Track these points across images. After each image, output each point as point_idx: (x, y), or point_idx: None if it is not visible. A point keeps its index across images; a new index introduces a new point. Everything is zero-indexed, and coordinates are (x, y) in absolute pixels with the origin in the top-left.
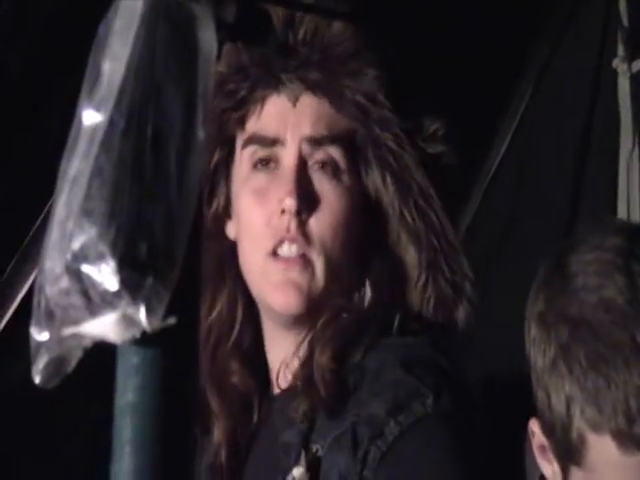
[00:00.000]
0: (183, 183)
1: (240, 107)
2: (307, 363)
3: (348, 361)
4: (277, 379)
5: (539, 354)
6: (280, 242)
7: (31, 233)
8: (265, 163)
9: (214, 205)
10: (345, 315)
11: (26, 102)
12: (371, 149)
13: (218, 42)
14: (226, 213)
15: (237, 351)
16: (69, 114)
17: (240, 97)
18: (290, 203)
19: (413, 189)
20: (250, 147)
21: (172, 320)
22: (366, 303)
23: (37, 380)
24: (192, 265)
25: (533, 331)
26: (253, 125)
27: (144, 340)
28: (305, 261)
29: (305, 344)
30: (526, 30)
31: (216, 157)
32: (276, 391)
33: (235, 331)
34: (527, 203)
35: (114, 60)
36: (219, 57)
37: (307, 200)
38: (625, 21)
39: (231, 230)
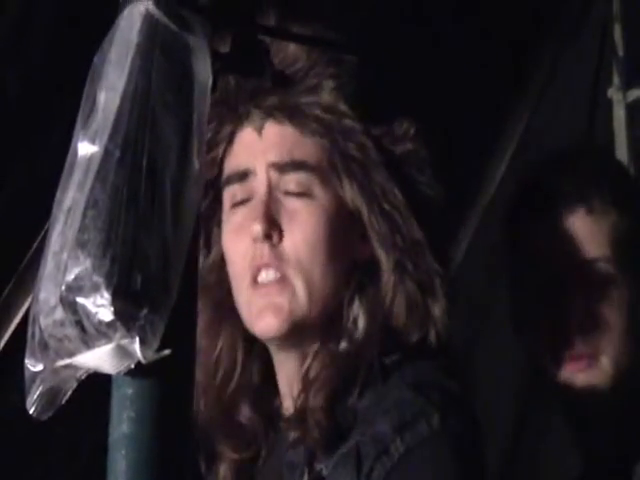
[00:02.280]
0: (178, 213)
1: (212, 148)
2: (300, 401)
3: (343, 403)
4: (285, 404)
5: None
6: (258, 270)
7: (26, 261)
8: (243, 202)
9: (212, 254)
10: (340, 350)
11: (22, 130)
12: (339, 160)
13: (213, 73)
14: (224, 261)
15: (243, 389)
16: (66, 141)
17: (210, 138)
18: (256, 229)
19: (376, 193)
20: (228, 188)
21: (167, 351)
22: (360, 329)
23: (31, 410)
24: (187, 296)
25: None
26: (228, 164)
27: (139, 371)
28: (283, 283)
29: (301, 371)
30: (521, 59)
31: (203, 203)
32: (285, 415)
33: (237, 371)
34: None
35: (109, 90)
36: (214, 88)
37: (277, 223)
38: (620, 50)
39: None
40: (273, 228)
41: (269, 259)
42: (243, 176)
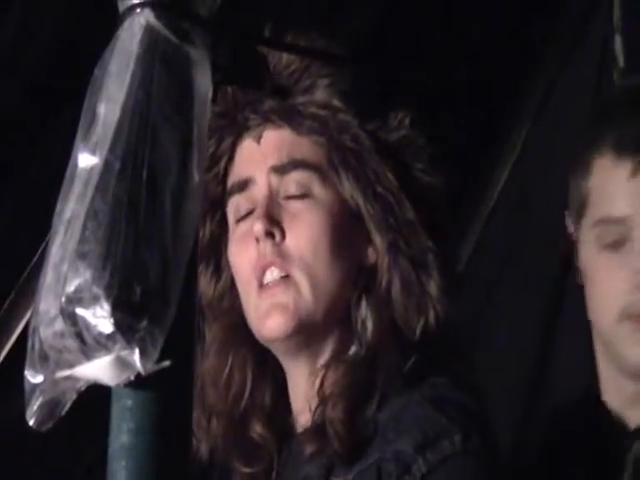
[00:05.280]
0: (178, 225)
1: (215, 164)
2: (318, 414)
3: (362, 414)
4: (298, 418)
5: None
6: (262, 271)
7: (26, 272)
8: (248, 214)
9: (222, 280)
10: (353, 357)
11: (22, 142)
12: (335, 155)
13: (214, 84)
14: (235, 284)
15: (255, 408)
16: (65, 154)
17: (211, 154)
18: (257, 227)
19: (370, 177)
20: (231, 200)
21: (166, 363)
22: (369, 331)
23: (31, 422)
24: (187, 307)
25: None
26: (230, 178)
27: (138, 382)
28: (288, 282)
29: (316, 383)
30: (524, 64)
31: (208, 227)
32: (299, 429)
33: (247, 391)
34: (528, 232)
35: (110, 102)
36: (215, 99)
37: (278, 222)
38: (621, 61)
39: None
40: (274, 226)
41: (272, 257)
42: (244, 185)
